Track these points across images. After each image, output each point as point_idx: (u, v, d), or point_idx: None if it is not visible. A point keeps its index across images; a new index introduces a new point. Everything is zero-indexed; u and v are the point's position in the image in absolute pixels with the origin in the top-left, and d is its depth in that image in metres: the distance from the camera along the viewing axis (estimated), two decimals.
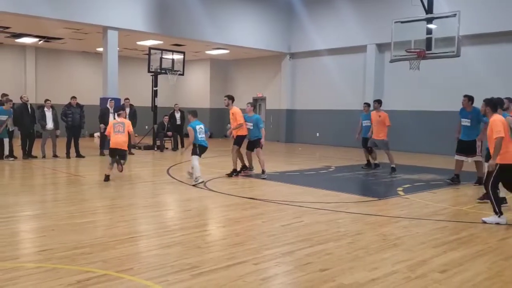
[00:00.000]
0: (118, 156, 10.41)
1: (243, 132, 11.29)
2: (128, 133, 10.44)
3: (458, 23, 11.85)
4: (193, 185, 9.72)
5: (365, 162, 13.58)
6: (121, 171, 10.70)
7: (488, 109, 7.01)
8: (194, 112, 10.40)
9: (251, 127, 11.35)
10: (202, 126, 10.27)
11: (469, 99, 10.40)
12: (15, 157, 13.84)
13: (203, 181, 9.90)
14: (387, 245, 5.69)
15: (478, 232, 6.42)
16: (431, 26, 12.53)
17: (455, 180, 10.65)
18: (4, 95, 14.55)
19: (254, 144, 11.42)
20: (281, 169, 13.07)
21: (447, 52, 12.25)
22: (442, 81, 17.71)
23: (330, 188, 9.96)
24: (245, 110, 11.76)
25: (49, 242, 5.56)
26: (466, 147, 10.22)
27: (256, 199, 8.53)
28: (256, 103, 26.59)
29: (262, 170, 11.27)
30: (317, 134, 22.51)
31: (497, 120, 6.76)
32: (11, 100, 13.71)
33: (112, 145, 10.37)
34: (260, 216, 7.20)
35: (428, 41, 12.50)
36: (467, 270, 4.83)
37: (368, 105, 14.22)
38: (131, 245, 5.52)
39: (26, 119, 13.85)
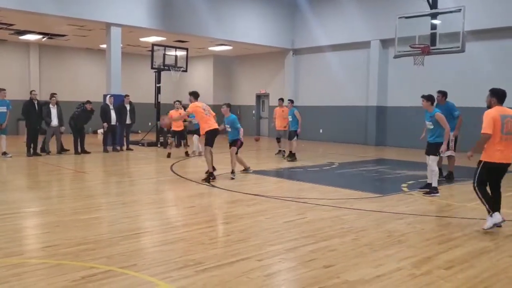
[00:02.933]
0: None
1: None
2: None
3: (463, 18, 11.77)
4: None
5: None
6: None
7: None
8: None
9: (229, 129, 10.81)
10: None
11: (443, 94, 10.58)
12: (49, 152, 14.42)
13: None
14: (391, 241, 5.67)
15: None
16: (435, 21, 12.46)
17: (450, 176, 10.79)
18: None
19: (233, 145, 10.81)
20: (285, 165, 13.05)
21: (451, 48, 12.18)
22: (447, 77, 17.62)
23: (333, 184, 9.93)
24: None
25: (54, 238, 5.57)
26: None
27: (259, 195, 8.51)
28: (260, 99, 26.61)
29: (232, 170, 10.55)
30: (321, 131, 22.47)
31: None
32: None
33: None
34: (263, 213, 7.18)
35: (433, 37, 12.43)
36: (473, 266, 4.80)
37: (290, 101, 15.34)
38: (135, 241, 5.51)
39: (33, 115, 13.87)
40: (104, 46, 20.22)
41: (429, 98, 8.97)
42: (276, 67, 25.21)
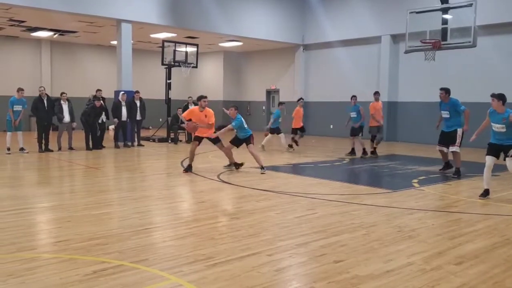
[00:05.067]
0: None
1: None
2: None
3: (474, 13, 11.68)
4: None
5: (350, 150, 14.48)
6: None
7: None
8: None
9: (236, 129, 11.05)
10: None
11: (446, 91, 10.60)
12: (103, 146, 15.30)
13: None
14: (402, 236, 5.65)
15: (494, 224, 6.35)
16: (446, 16, 12.38)
17: (445, 168, 11.02)
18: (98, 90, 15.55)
19: (242, 141, 11.03)
20: (295, 161, 13.05)
21: (463, 43, 12.11)
22: (458, 72, 17.50)
23: (344, 180, 9.93)
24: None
25: (65, 233, 5.62)
26: (447, 138, 10.50)
27: (269, 191, 8.52)
28: (270, 95, 26.59)
29: (261, 166, 10.76)
30: (331, 126, 22.42)
31: None
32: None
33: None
34: (273, 208, 7.19)
35: (444, 32, 12.35)
36: (483, 262, 4.78)
37: (354, 97, 14.26)
38: (146, 236, 5.55)
39: (42, 111, 13.97)
40: (114, 42, 20.30)
41: (500, 97, 7.74)
42: (286, 62, 25.17)
